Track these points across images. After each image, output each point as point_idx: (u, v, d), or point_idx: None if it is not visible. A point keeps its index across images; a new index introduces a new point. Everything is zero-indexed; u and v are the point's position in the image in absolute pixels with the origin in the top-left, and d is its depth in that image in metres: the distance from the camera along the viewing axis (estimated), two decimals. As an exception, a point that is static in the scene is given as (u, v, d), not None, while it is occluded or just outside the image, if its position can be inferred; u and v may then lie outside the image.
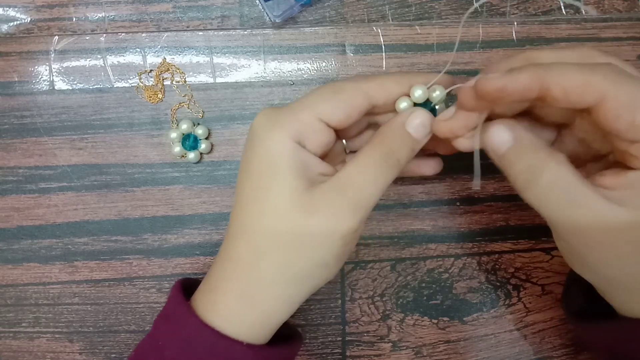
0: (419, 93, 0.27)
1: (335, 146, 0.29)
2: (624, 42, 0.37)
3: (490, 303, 0.38)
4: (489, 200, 0.38)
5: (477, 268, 0.38)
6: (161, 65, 0.36)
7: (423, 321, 0.38)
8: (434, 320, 0.38)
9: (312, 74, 0.36)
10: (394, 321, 0.38)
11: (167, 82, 0.36)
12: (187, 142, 0.35)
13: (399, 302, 0.38)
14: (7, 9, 0.35)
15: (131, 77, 0.36)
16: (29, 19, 0.35)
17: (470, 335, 0.38)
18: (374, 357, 0.38)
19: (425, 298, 0.38)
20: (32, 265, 0.36)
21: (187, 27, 0.36)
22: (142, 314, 0.37)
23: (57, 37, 0.35)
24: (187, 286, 0.29)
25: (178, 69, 0.36)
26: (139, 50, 0.36)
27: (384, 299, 0.38)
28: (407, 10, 0.36)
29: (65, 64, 0.36)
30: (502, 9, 0.37)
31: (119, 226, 0.36)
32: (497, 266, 0.38)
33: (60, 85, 0.36)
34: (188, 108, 0.36)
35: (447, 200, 0.38)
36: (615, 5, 0.37)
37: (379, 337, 0.38)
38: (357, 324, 0.38)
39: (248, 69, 0.36)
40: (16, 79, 0.36)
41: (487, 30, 0.37)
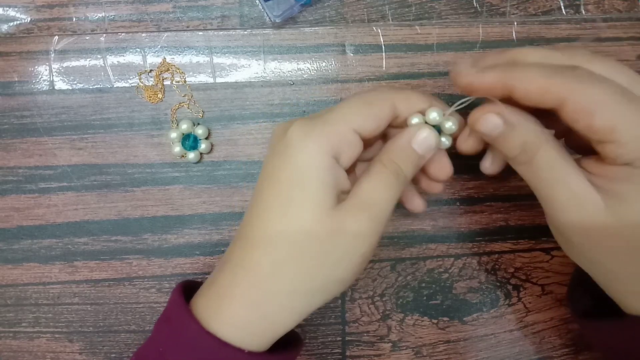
0: (433, 116, 0.28)
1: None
2: (624, 42, 0.37)
3: (490, 303, 0.38)
4: (489, 200, 0.38)
5: (477, 268, 0.38)
6: (161, 65, 0.36)
7: (423, 321, 0.38)
8: (434, 320, 0.38)
9: (312, 74, 0.36)
10: (394, 321, 0.38)
11: (167, 82, 0.36)
12: (187, 142, 0.35)
13: (399, 302, 0.38)
14: (7, 9, 0.35)
15: (131, 77, 0.36)
16: (29, 19, 0.35)
17: (470, 335, 0.38)
18: (374, 357, 0.38)
19: (425, 298, 0.38)
20: (32, 265, 0.36)
21: (187, 27, 0.36)
22: (142, 314, 0.37)
23: (57, 37, 0.35)
24: (187, 288, 0.29)
25: (178, 69, 0.36)
26: (139, 50, 0.36)
27: (384, 299, 0.38)
28: (407, 10, 0.36)
29: (65, 64, 0.36)
30: (502, 9, 0.37)
31: (119, 226, 0.36)
32: (497, 266, 0.38)
33: (60, 85, 0.36)
34: (188, 108, 0.36)
35: (447, 200, 0.38)
36: (615, 5, 0.37)
37: (379, 337, 0.38)
38: (357, 324, 0.38)
39: (248, 69, 0.36)
40: (16, 79, 0.36)
41: (487, 30, 0.37)
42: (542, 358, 0.38)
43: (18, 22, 0.35)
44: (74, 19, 0.35)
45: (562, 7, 0.37)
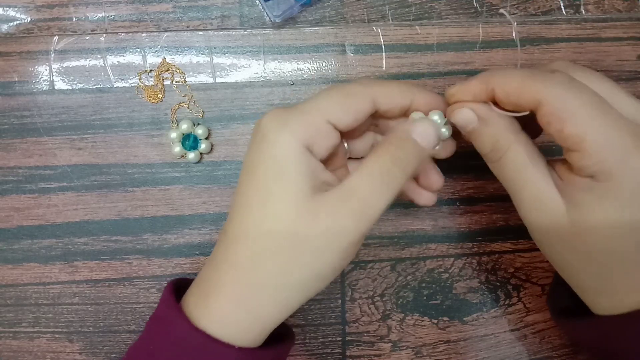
0: (434, 118, 0.28)
1: (337, 149, 0.29)
2: (624, 42, 0.37)
3: (490, 303, 0.38)
4: (489, 200, 0.38)
5: (477, 268, 0.38)
6: (161, 65, 0.36)
7: (423, 321, 0.38)
8: (434, 320, 0.38)
9: (312, 74, 0.36)
10: (394, 321, 0.38)
11: (167, 82, 0.36)
12: (187, 142, 0.35)
13: (399, 302, 0.38)
14: (7, 9, 0.35)
15: (131, 77, 0.36)
16: (29, 19, 0.35)
17: (470, 335, 0.38)
18: (374, 357, 0.38)
19: (425, 298, 0.38)
20: (32, 265, 0.36)
21: (187, 27, 0.36)
22: (142, 314, 0.37)
23: (57, 37, 0.35)
24: (179, 287, 0.29)
25: (178, 69, 0.36)
26: (139, 50, 0.36)
27: (384, 299, 0.38)
28: (407, 10, 0.36)
29: (65, 64, 0.36)
30: (502, 9, 0.37)
31: (119, 226, 0.36)
32: (497, 266, 0.38)
33: (60, 85, 0.36)
34: (188, 108, 0.36)
35: (447, 200, 0.38)
36: (615, 5, 0.37)
37: (379, 337, 0.38)
38: (357, 324, 0.38)
39: (248, 69, 0.36)
40: (16, 79, 0.36)
41: (487, 30, 0.37)
42: (542, 358, 0.38)
43: (18, 22, 0.35)
44: (74, 19, 0.35)
45: (562, 7, 0.37)
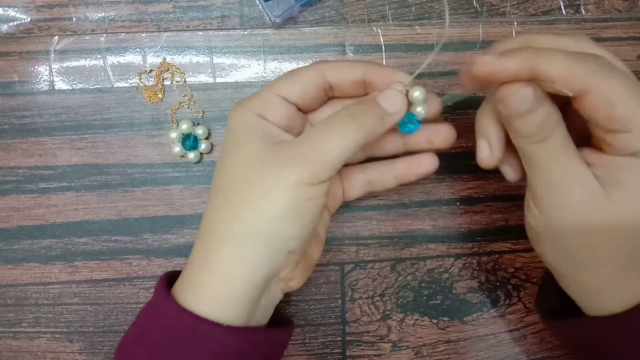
0: (417, 94, 0.28)
1: (301, 125, 0.31)
2: (624, 42, 0.37)
3: (491, 303, 0.38)
4: (489, 200, 0.38)
5: (477, 268, 0.38)
6: (161, 65, 0.36)
7: (423, 321, 0.38)
8: (434, 320, 0.38)
9: (312, 74, 0.36)
10: (394, 321, 0.38)
11: (167, 82, 0.36)
12: (187, 142, 0.35)
13: (399, 302, 0.38)
14: (7, 9, 0.35)
15: (131, 77, 0.36)
16: (29, 19, 0.35)
17: (470, 335, 0.38)
18: (374, 357, 0.38)
19: (425, 298, 0.38)
20: (32, 265, 0.36)
21: (187, 27, 0.36)
22: (142, 314, 0.37)
23: (57, 37, 0.35)
24: (174, 279, 0.29)
25: (178, 69, 0.36)
26: (139, 50, 0.36)
27: (384, 299, 0.38)
28: (407, 10, 0.36)
29: (65, 64, 0.36)
30: (502, 9, 0.37)
31: (119, 226, 0.36)
32: (497, 266, 0.38)
33: (60, 85, 0.36)
34: (188, 108, 0.36)
35: (447, 200, 0.38)
36: (615, 5, 0.37)
37: (379, 337, 0.38)
38: (357, 324, 0.38)
39: (248, 69, 0.36)
40: (16, 79, 0.36)
41: (487, 30, 0.37)
42: (542, 358, 0.38)
43: (18, 22, 0.35)
44: (74, 19, 0.35)
45: (562, 7, 0.37)
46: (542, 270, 0.38)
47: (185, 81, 0.36)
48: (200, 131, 0.35)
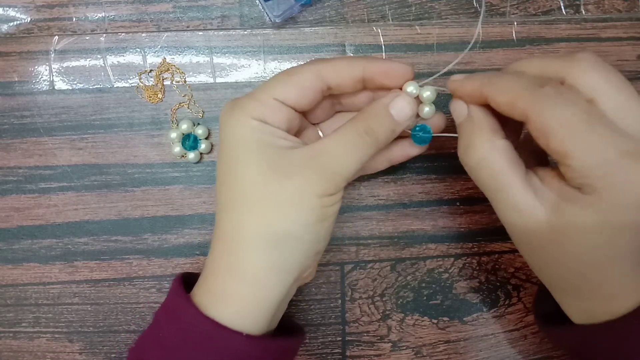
0: (410, 89, 0.28)
1: (308, 132, 0.31)
2: (624, 42, 0.37)
3: (491, 303, 0.38)
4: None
5: (477, 268, 0.38)
6: (161, 65, 0.36)
7: (423, 321, 0.38)
8: (434, 320, 0.38)
9: (312, 74, 0.36)
10: (394, 321, 0.38)
11: (167, 82, 0.36)
12: (187, 142, 0.35)
13: (399, 302, 0.38)
14: (7, 9, 0.35)
15: (131, 77, 0.36)
16: (29, 19, 0.35)
17: (470, 335, 0.38)
18: (374, 357, 0.38)
19: (425, 298, 0.38)
20: (32, 265, 0.36)
21: (187, 27, 0.36)
22: (142, 314, 0.37)
23: (57, 37, 0.35)
24: (187, 280, 0.29)
25: (178, 69, 0.36)
26: (139, 50, 0.36)
27: (384, 299, 0.38)
28: (407, 10, 0.36)
29: (65, 64, 0.36)
30: (502, 9, 0.37)
31: (119, 226, 0.36)
32: (497, 266, 0.38)
33: (60, 85, 0.36)
34: (188, 108, 0.36)
35: (447, 200, 0.38)
36: (615, 5, 0.37)
37: (379, 337, 0.38)
38: (357, 324, 0.38)
39: (248, 69, 0.36)
40: (16, 79, 0.36)
41: (487, 30, 0.37)
42: (542, 358, 0.38)
43: (18, 22, 0.35)
44: (74, 19, 0.35)
45: (562, 7, 0.37)
46: (542, 270, 0.38)
47: (185, 81, 0.36)
48: (200, 131, 0.35)
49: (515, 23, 0.37)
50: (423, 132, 0.30)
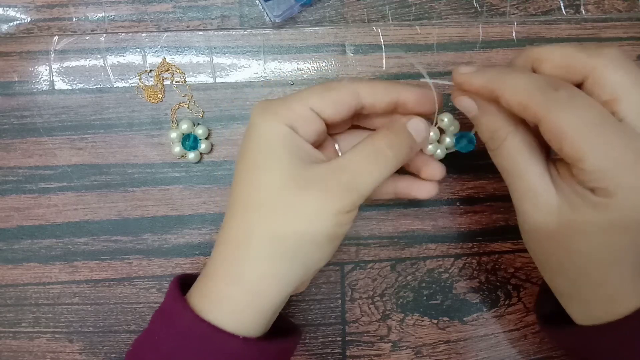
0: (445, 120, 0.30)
1: (327, 144, 0.31)
2: (624, 42, 0.37)
3: (491, 303, 0.38)
4: (489, 200, 0.38)
5: (477, 268, 0.38)
6: (161, 65, 0.36)
7: (423, 321, 0.38)
8: (434, 320, 0.38)
9: (312, 74, 0.36)
10: (394, 321, 0.38)
11: (167, 82, 0.36)
12: (187, 142, 0.35)
13: (399, 302, 0.38)
14: (7, 9, 0.35)
15: (131, 77, 0.36)
16: (29, 19, 0.35)
17: (470, 335, 0.38)
18: (374, 357, 0.38)
19: (425, 298, 0.38)
20: (32, 265, 0.36)
21: (187, 27, 0.36)
22: (142, 314, 0.37)
23: (57, 37, 0.35)
24: (186, 282, 0.29)
25: (178, 69, 0.36)
26: (139, 50, 0.36)
27: (384, 299, 0.38)
28: (407, 10, 0.36)
29: (65, 64, 0.36)
30: (502, 9, 0.37)
31: (119, 226, 0.36)
32: (497, 266, 0.38)
33: (60, 85, 0.36)
34: (188, 108, 0.36)
35: (447, 200, 0.38)
36: (615, 5, 0.37)
37: (379, 337, 0.38)
38: (357, 324, 0.38)
39: (248, 69, 0.36)
40: (16, 79, 0.36)
41: (487, 30, 0.37)
42: (542, 358, 0.38)
43: (18, 22, 0.35)
44: (74, 19, 0.35)
45: (562, 7, 0.37)
46: (542, 270, 0.38)
47: (185, 81, 0.36)
48: (200, 131, 0.35)
49: (515, 23, 0.37)
50: (468, 139, 0.31)
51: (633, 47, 0.37)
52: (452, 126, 0.30)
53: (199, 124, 0.36)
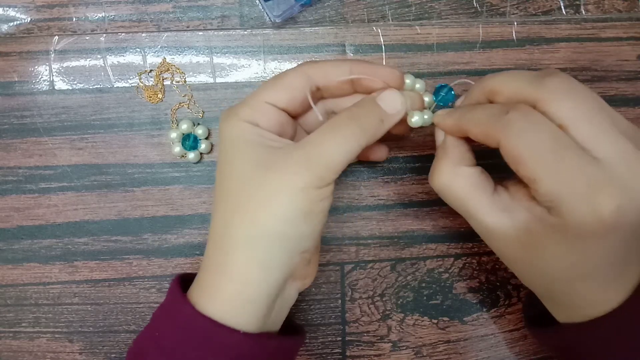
0: (407, 83, 0.30)
1: (301, 133, 0.31)
2: (624, 42, 0.37)
3: (491, 303, 0.38)
4: (489, 200, 0.38)
5: (477, 268, 0.38)
6: (161, 65, 0.36)
7: (423, 321, 0.38)
8: (434, 320, 0.38)
9: (312, 74, 0.36)
10: (394, 321, 0.38)
11: (167, 82, 0.36)
12: (187, 142, 0.35)
13: (399, 302, 0.38)
14: (7, 9, 0.35)
15: (131, 77, 0.36)
16: (29, 19, 0.35)
17: (470, 335, 0.38)
18: (374, 357, 0.38)
19: (425, 298, 0.38)
20: (32, 265, 0.36)
21: (187, 27, 0.36)
22: (142, 314, 0.37)
23: (57, 37, 0.35)
24: (187, 281, 0.29)
25: (178, 69, 0.36)
26: (139, 50, 0.36)
27: (384, 299, 0.38)
28: (407, 10, 0.36)
29: (65, 64, 0.36)
30: (502, 9, 0.37)
31: (119, 226, 0.36)
32: (497, 266, 0.38)
33: (60, 85, 0.36)
34: (188, 108, 0.36)
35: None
36: (615, 5, 0.37)
37: (379, 337, 0.38)
38: (357, 324, 0.38)
39: (248, 69, 0.36)
40: (16, 79, 0.36)
41: (487, 30, 0.37)
42: (542, 358, 0.38)
43: (18, 22, 0.35)
44: (74, 19, 0.35)
45: (562, 7, 0.37)
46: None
47: (185, 81, 0.36)
48: (200, 131, 0.35)
49: (515, 23, 0.37)
50: (445, 92, 0.31)
51: (633, 47, 0.37)
52: (418, 84, 0.30)
53: (199, 124, 0.36)
